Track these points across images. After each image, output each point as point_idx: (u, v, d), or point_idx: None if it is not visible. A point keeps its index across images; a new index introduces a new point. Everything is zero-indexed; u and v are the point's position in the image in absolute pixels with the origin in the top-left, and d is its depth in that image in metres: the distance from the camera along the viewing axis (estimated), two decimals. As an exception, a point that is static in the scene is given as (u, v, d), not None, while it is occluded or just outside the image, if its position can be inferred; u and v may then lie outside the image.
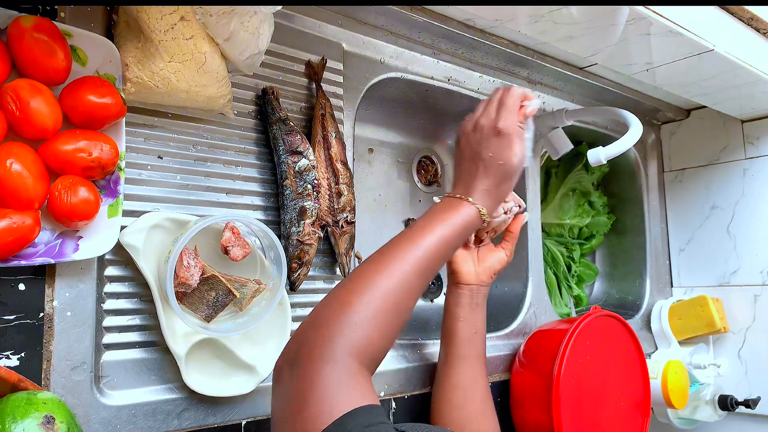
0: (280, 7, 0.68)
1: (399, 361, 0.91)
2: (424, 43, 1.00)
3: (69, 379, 0.63)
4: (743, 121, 1.31)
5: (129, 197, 0.69)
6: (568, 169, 1.37)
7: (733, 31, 0.91)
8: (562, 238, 1.37)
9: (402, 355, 0.92)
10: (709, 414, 1.24)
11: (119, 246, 0.66)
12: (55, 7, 0.65)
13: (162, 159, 0.73)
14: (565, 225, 1.36)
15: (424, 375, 0.93)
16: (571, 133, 1.14)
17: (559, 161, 1.35)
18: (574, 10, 0.78)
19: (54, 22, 0.61)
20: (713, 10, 0.87)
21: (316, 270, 0.84)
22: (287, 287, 0.79)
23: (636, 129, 0.88)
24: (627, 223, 1.43)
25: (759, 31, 0.94)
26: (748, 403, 1.20)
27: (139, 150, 0.71)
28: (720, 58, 0.91)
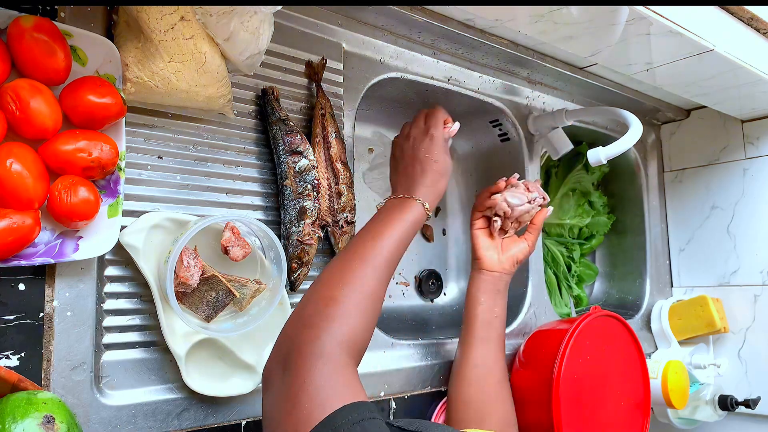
0: (280, 7, 0.68)
1: (399, 361, 0.91)
2: (424, 43, 1.00)
3: (69, 379, 0.63)
4: (743, 121, 1.31)
5: (129, 197, 0.69)
6: (568, 169, 1.37)
7: (733, 31, 0.91)
8: (562, 238, 1.37)
9: (402, 356, 0.92)
10: (709, 414, 1.24)
11: (119, 246, 0.67)
12: (55, 7, 0.65)
13: (162, 159, 0.73)
14: (565, 225, 1.36)
15: (424, 375, 0.93)
16: (571, 133, 1.15)
17: (559, 161, 1.35)
18: (574, 10, 0.78)
19: (54, 22, 0.61)
20: (713, 10, 0.87)
21: (316, 270, 0.84)
22: (287, 287, 0.79)
23: (636, 129, 0.88)
24: (627, 223, 1.43)
25: (759, 31, 0.94)
26: (748, 403, 1.20)
27: (139, 150, 0.71)
28: (720, 58, 0.91)
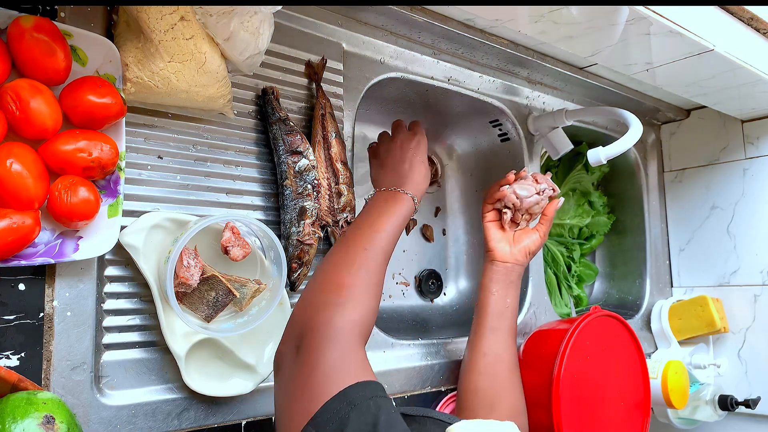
0: (280, 7, 0.68)
1: (399, 361, 0.91)
2: (424, 43, 1.00)
3: (69, 379, 0.63)
4: (743, 121, 1.31)
5: (129, 197, 0.69)
6: (568, 169, 1.37)
7: (733, 31, 0.91)
8: (562, 238, 1.37)
9: (402, 356, 0.92)
10: (709, 414, 1.24)
11: (119, 246, 0.66)
12: (55, 7, 0.65)
13: (162, 159, 0.73)
14: (565, 225, 1.36)
15: (424, 375, 0.93)
16: (571, 133, 1.15)
17: (559, 161, 1.35)
18: (574, 10, 0.78)
19: (54, 22, 0.61)
20: (713, 10, 0.87)
21: (316, 270, 0.84)
22: (287, 287, 0.79)
23: (636, 129, 0.88)
24: (627, 223, 1.43)
25: (759, 31, 0.94)
26: (748, 403, 1.20)
27: (139, 150, 0.71)
28: (720, 58, 0.91)
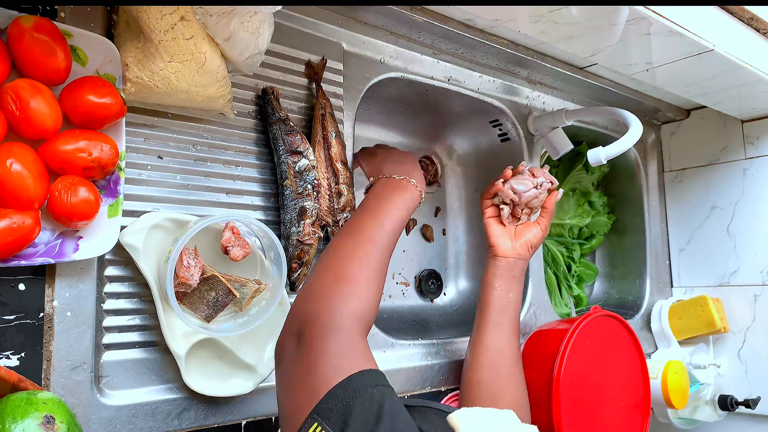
0: (280, 7, 0.68)
1: (399, 361, 0.91)
2: (424, 43, 1.00)
3: (69, 379, 0.63)
4: (743, 121, 1.31)
5: (129, 197, 0.69)
6: (568, 169, 1.37)
7: (733, 31, 0.91)
8: (562, 238, 1.37)
9: (402, 356, 0.92)
10: (709, 414, 1.24)
11: (119, 246, 0.66)
12: (55, 7, 0.65)
13: (162, 159, 0.73)
14: (565, 225, 1.36)
15: (424, 375, 0.93)
16: (571, 133, 1.15)
17: (559, 161, 1.35)
18: (574, 10, 0.78)
19: (54, 22, 0.61)
20: (713, 10, 0.86)
21: (316, 270, 0.84)
22: (287, 287, 0.79)
23: (636, 129, 0.88)
24: (627, 223, 1.43)
25: (759, 31, 0.94)
26: (748, 403, 1.20)
27: (139, 150, 0.71)
28: (720, 58, 0.91)
